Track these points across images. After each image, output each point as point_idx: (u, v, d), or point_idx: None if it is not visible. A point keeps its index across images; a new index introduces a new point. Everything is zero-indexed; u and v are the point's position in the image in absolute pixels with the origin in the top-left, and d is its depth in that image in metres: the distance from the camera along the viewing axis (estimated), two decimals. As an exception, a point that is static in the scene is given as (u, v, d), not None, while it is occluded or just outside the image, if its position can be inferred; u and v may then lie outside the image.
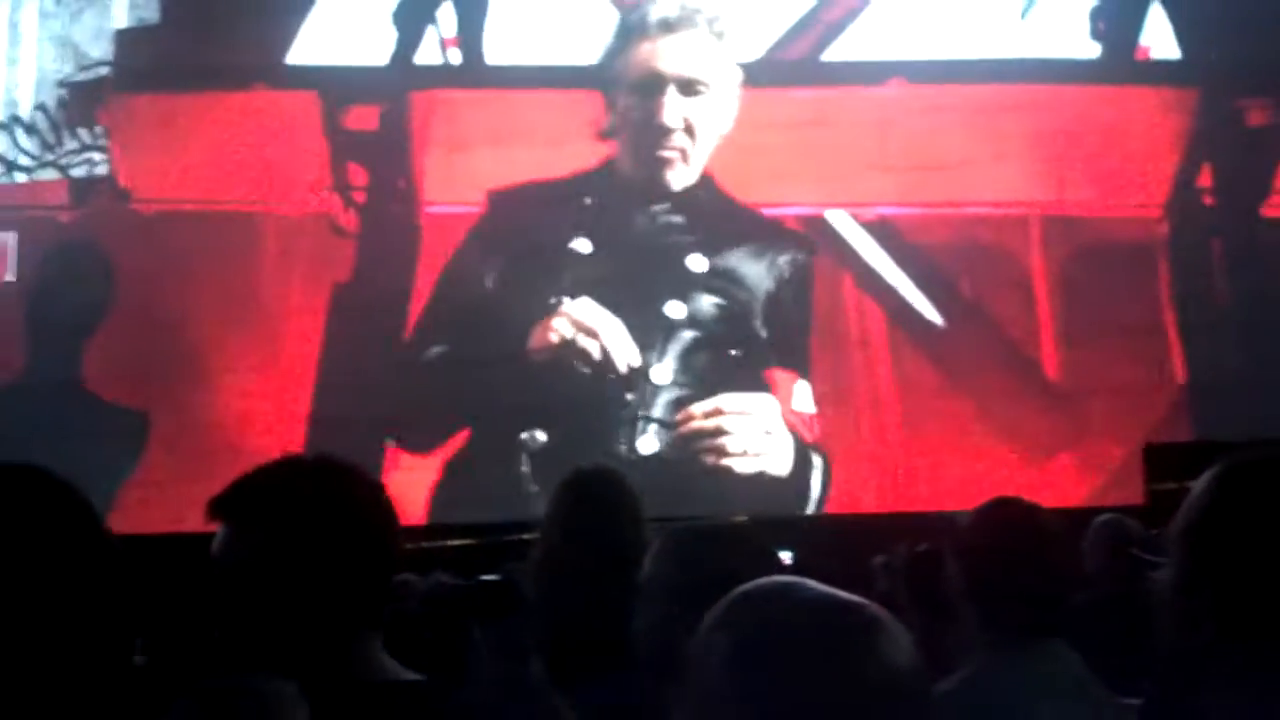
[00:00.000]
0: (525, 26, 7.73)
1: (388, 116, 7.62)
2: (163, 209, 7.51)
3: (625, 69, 7.49)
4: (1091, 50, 7.82)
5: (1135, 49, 7.86)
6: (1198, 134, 7.66)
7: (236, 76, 7.62)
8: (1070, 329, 7.52)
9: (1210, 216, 7.71)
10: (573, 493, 2.81)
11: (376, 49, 7.71)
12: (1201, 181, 7.68)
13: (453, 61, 7.75)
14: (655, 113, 7.38)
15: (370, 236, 7.56)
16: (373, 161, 7.63)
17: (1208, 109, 7.68)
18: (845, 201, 7.59)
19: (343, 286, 7.47)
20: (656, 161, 7.42)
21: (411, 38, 7.71)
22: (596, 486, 2.81)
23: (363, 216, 7.57)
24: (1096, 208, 7.63)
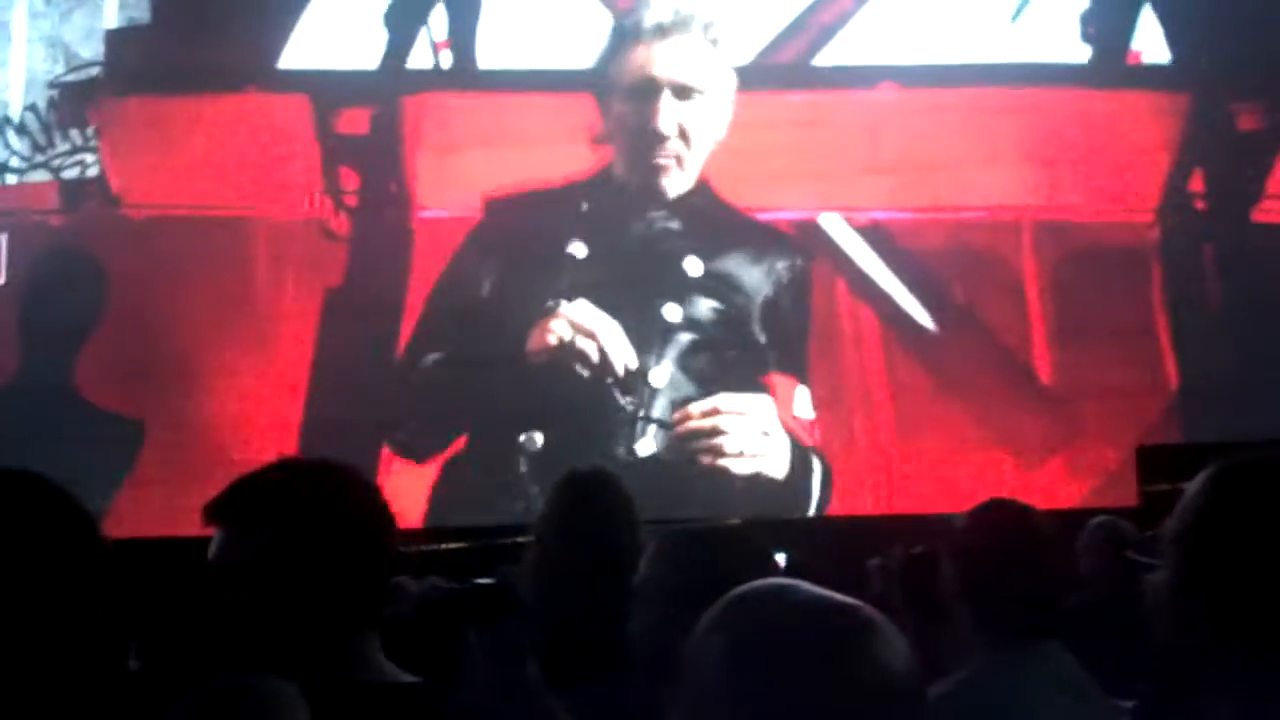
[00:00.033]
0: (517, 30, 7.73)
1: (379, 120, 7.61)
2: (154, 213, 7.50)
3: (619, 74, 7.49)
4: (1083, 54, 7.83)
5: (1126, 53, 7.88)
6: (1189, 138, 7.67)
7: (228, 79, 7.61)
8: (1063, 333, 7.53)
9: (1202, 221, 7.72)
10: (568, 495, 2.80)
11: (368, 52, 7.70)
12: (1193, 186, 7.69)
13: (444, 65, 7.75)
14: (650, 118, 7.37)
15: (362, 241, 7.56)
16: (364, 165, 7.62)
17: (1199, 113, 7.70)
18: (837, 206, 7.59)
19: (335, 291, 7.47)
20: (652, 167, 7.42)
21: (403, 41, 7.70)
22: (591, 488, 2.80)
23: (355, 220, 7.56)
24: (1088, 212, 7.64)
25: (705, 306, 7.36)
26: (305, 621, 1.79)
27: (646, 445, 7.16)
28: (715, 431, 7.14)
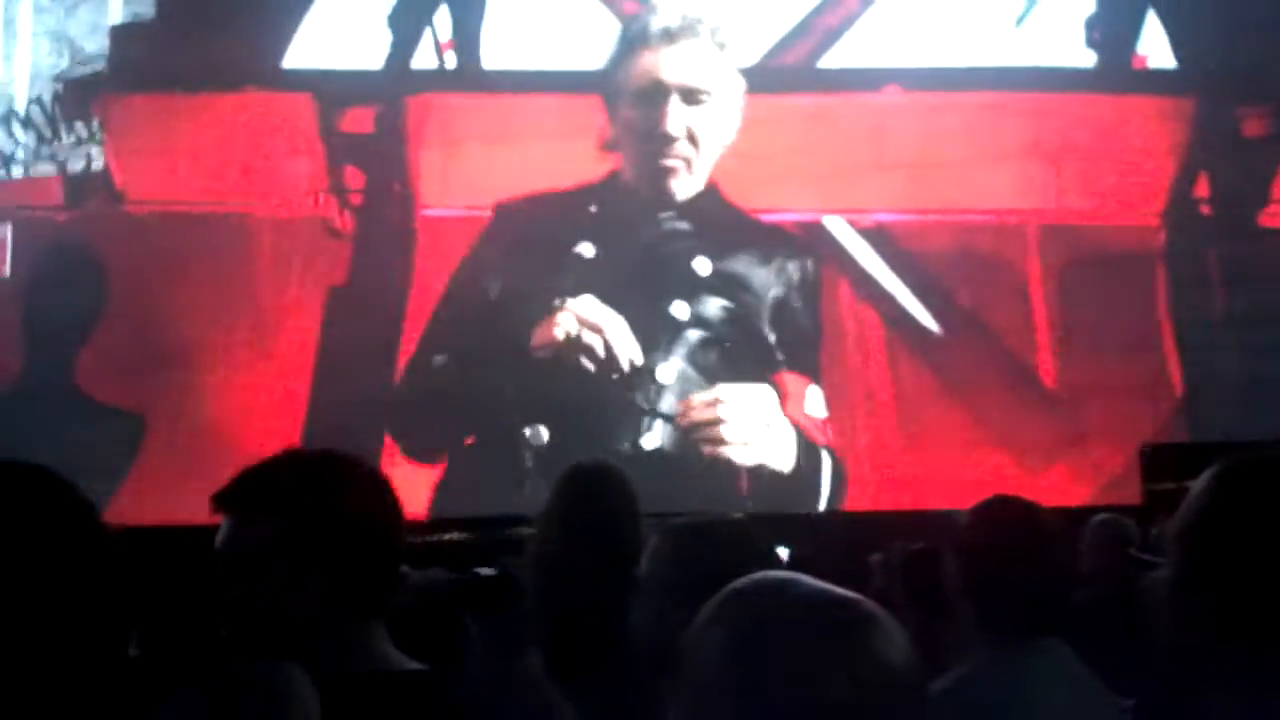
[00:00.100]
0: (521, 31, 7.73)
1: (383, 119, 7.61)
2: (157, 210, 7.50)
3: (627, 79, 7.48)
4: (1088, 59, 7.83)
5: (1132, 57, 7.87)
6: (1194, 143, 7.67)
7: (232, 78, 7.61)
8: (1067, 336, 7.53)
9: (1207, 225, 7.71)
10: (571, 488, 2.81)
11: (372, 52, 7.70)
12: (1198, 190, 7.69)
13: (449, 65, 7.75)
14: (658, 121, 7.36)
15: (365, 239, 7.56)
16: (368, 164, 7.62)
17: (1204, 118, 7.70)
18: (843, 208, 7.59)
19: (338, 288, 7.47)
20: (660, 170, 7.41)
21: (407, 41, 7.70)
22: (595, 482, 2.81)
23: (358, 219, 7.56)
24: (1093, 216, 7.64)
25: (714, 305, 7.36)
26: (312, 610, 1.79)
27: (652, 440, 7.15)
28: (716, 421, 7.13)
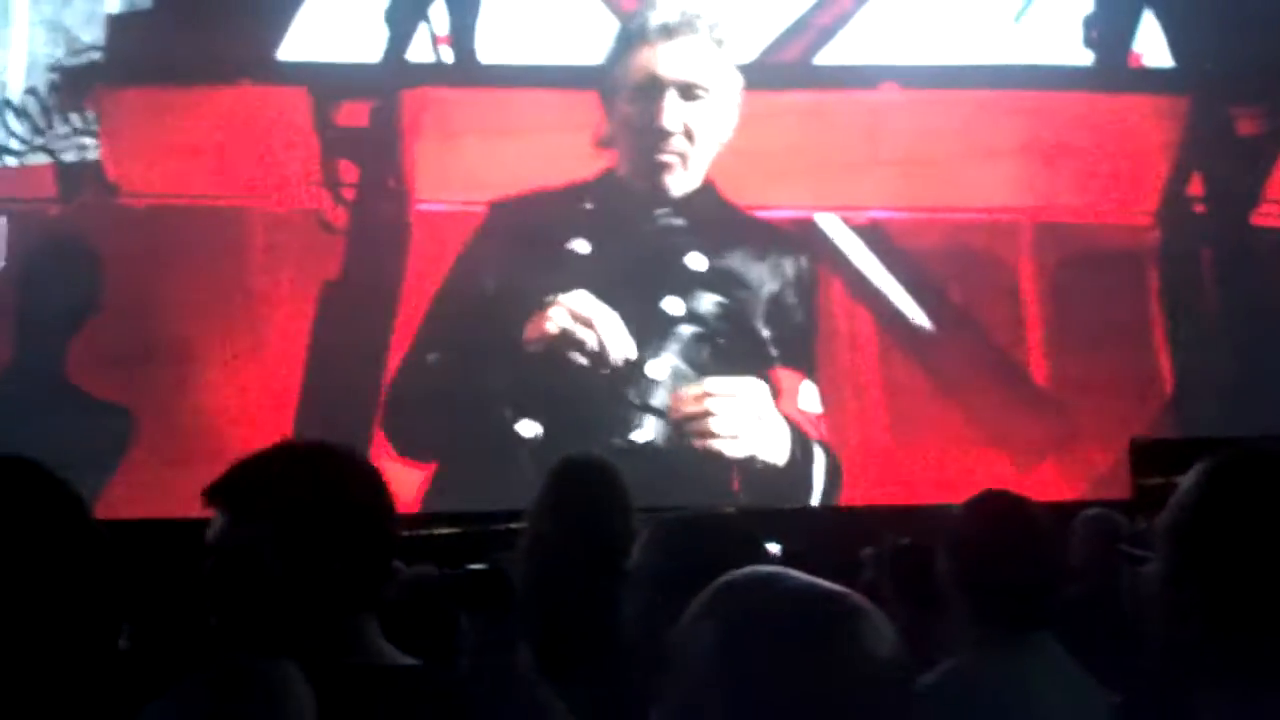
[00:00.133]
0: (518, 25, 7.73)
1: (379, 113, 7.60)
2: (151, 203, 7.48)
3: (624, 75, 7.48)
4: (1084, 57, 7.83)
5: (1128, 56, 7.88)
6: (1189, 142, 7.68)
7: (227, 71, 7.59)
8: (1059, 335, 7.54)
9: (1200, 224, 7.73)
10: (562, 482, 2.81)
11: (368, 45, 7.69)
12: (1192, 189, 7.70)
13: (445, 59, 7.74)
14: (655, 117, 7.36)
15: (360, 233, 7.55)
16: (363, 158, 7.61)
17: (1199, 117, 7.70)
18: (837, 205, 7.59)
19: (331, 282, 7.46)
20: (656, 166, 7.41)
21: (403, 35, 7.69)
22: (585, 475, 2.81)
23: (352, 213, 7.55)
24: (1087, 214, 7.64)
25: (708, 300, 7.35)
26: (306, 604, 1.79)
27: (644, 434, 7.15)
28: (706, 414, 7.12)
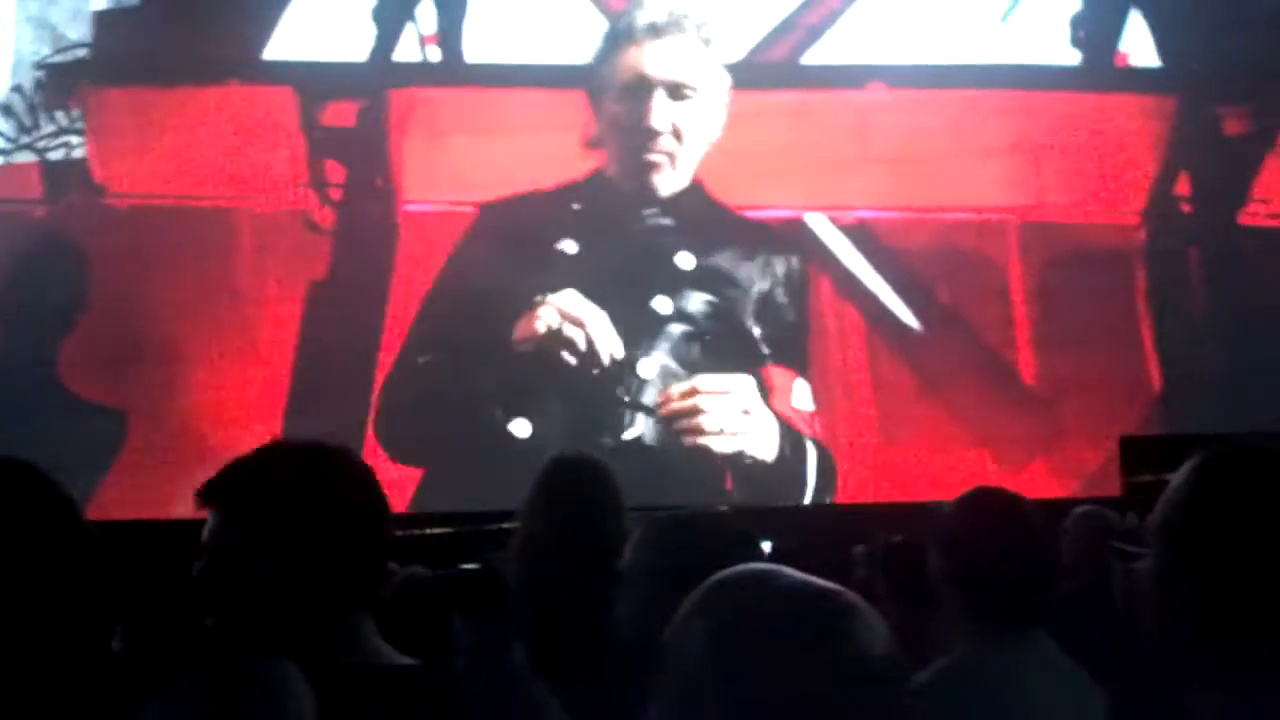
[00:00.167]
0: (505, 24, 7.72)
1: (366, 113, 7.59)
2: (137, 203, 7.46)
3: (612, 75, 7.47)
4: (1071, 57, 7.85)
5: (1115, 56, 7.90)
6: (1176, 141, 7.70)
7: (213, 70, 7.57)
8: (1047, 334, 7.55)
9: (1188, 224, 7.75)
10: (553, 481, 2.81)
11: (355, 45, 7.68)
12: (1179, 189, 7.72)
13: (432, 59, 7.73)
14: (643, 116, 7.36)
15: (347, 234, 7.53)
16: (350, 158, 7.59)
17: (1186, 116, 7.73)
18: (825, 204, 7.59)
19: (318, 283, 7.44)
20: (644, 165, 7.40)
21: (390, 34, 7.68)
22: (577, 475, 2.81)
23: (339, 214, 7.54)
24: (1075, 214, 7.66)
25: (697, 299, 7.35)
26: (301, 603, 1.79)
27: (634, 432, 7.15)
28: (695, 411, 7.12)
